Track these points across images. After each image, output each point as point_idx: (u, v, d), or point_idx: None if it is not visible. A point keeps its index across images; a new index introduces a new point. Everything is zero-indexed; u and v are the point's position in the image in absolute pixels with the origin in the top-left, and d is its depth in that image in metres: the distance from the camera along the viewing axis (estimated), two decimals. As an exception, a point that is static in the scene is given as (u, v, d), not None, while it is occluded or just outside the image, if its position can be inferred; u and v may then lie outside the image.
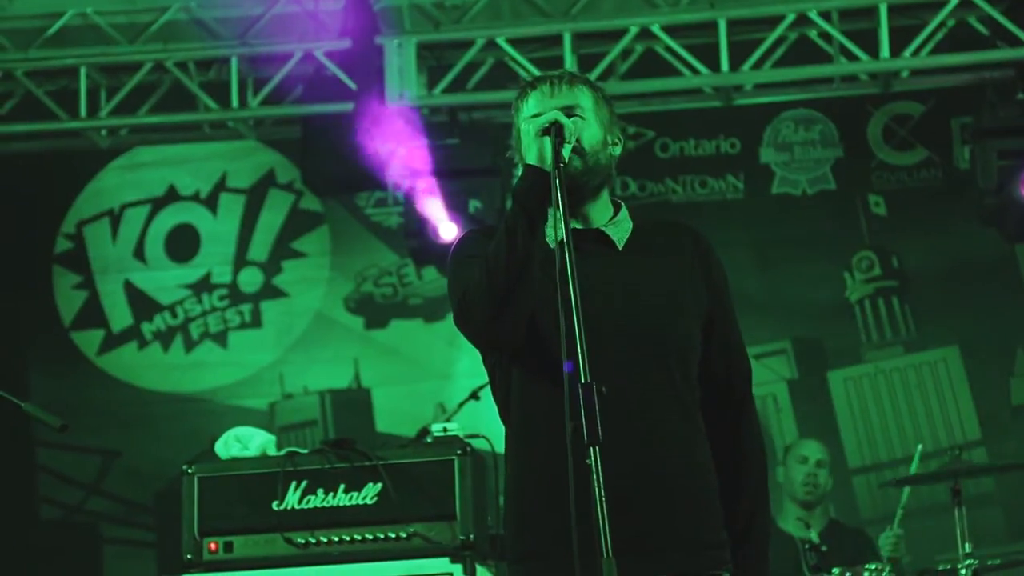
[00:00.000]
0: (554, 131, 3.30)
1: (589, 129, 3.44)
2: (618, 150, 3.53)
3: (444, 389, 8.88)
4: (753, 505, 3.51)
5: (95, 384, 9.30)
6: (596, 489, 2.99)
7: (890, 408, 8.83)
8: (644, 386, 3.33)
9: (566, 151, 3.31)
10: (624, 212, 3.53)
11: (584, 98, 3.47)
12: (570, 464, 3.01)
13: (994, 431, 8.65)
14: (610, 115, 3.52)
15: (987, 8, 7.96)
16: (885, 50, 7.97)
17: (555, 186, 3.24)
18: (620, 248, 3.46)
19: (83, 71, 8.50)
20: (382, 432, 9.01)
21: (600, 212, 3.50)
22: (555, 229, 3.22)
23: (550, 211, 3.31)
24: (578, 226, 3.41)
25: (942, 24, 8.01)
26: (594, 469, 2.99)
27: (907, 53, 8.01)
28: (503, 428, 3.51)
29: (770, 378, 8.84)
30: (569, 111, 3.40)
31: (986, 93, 8.18)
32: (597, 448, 3.00)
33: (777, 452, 7.83)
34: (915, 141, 9.02)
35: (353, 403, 9.23)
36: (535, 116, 3.40)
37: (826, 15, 8.15)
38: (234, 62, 8.45)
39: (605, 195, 3.51)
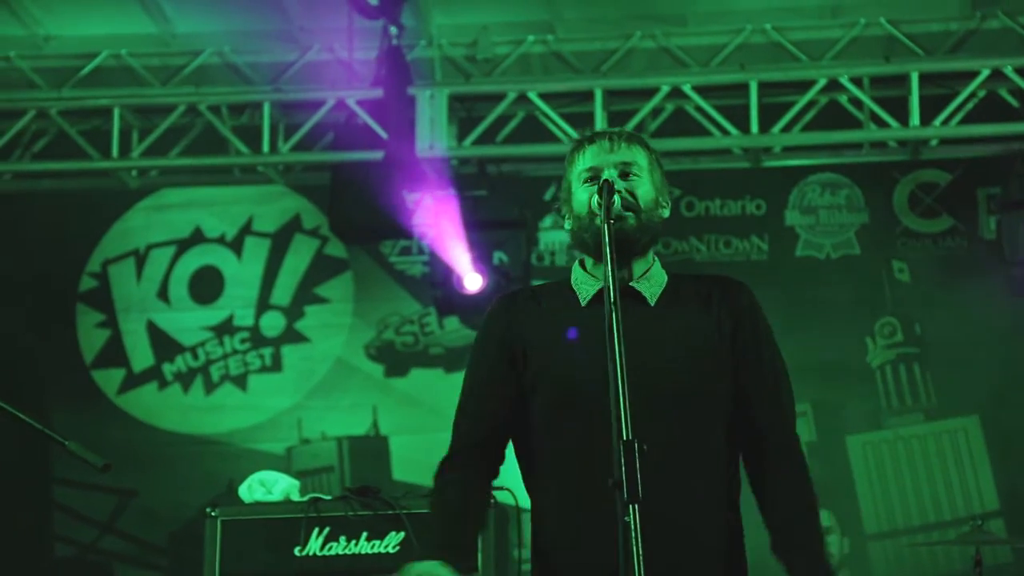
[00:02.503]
0: (606, 189, 3.31)
1: (643, 187, 3.46)
2: (666, 212, 3.55)
3: (462, 440, 8.85)
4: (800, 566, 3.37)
5: (114, 423, 9.29)
6: (634, 547, 2.98)
7: (909, 475, 8.79)
8: (665, 442, 3.30)
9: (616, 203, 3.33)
10: (657, 265, 3.53)
11: (640, 156, 3.50)
12: (620, 520, 2.98)
13: (1013, 502, 8.62)
14: (662, 177, 3.54)
15: (1018, 80, 7.99)
16: (915, 118, 8.00)
17: (605, 242, 3.24)
18: (652, 304, 3.47)
19: (116, 112, 8.55)
20: (398, 480, 8.98)
21: (641, 269, 3.50)
22: (605, 288, 3.20)
23: (597, 268, 3.35)
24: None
25: (973, 94, 8.04)
26: (633, 527, 2.98)
27: (937, 122, 8.04)
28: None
29: (789, 440, 8.81)
30: (626, 167, 3.43)
31: (1014, 164, 8.21)
32: (636, 506, 3.00)
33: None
34: (941, 209, 9.03)
35: (370, 451, 9.22)
36: (590, 169, 3.43)
37: (857, 81, 8.19)
38: (266, 107, 8.49)
39: (650, 253, 3.53)
